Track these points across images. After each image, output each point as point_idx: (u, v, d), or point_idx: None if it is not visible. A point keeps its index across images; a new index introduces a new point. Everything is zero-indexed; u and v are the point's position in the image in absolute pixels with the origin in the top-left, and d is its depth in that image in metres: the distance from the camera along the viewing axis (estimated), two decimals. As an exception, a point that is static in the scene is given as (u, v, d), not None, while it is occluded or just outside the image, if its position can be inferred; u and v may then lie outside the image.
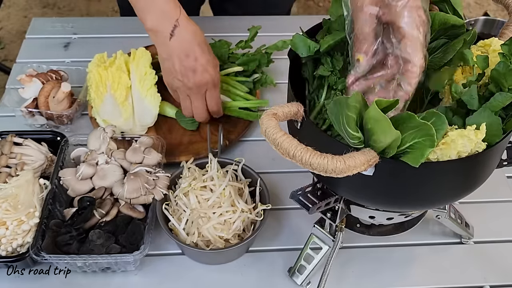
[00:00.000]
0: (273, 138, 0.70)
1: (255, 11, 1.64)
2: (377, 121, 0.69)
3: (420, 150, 0.70)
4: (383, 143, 0.71)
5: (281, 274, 1.05)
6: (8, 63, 2.65)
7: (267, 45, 1.37)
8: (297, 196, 0.88)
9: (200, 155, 1.19)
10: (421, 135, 0.69)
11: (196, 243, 1.01)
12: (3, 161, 1.09)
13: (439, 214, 1.02)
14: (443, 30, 0.85)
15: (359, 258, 1.08)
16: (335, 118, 0.72)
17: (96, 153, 1.09)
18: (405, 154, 0.72)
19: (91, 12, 3.09)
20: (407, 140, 0.71)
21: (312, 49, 0.91)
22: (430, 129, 0.69)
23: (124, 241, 0.99)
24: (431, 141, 0.69)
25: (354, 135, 0.72)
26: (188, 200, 1.04)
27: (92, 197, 1.03)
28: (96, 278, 1.02)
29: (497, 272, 1.07)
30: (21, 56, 1.46)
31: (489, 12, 3.08)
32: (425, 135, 0.69)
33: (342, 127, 0.72)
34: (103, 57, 1.29)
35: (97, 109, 1.23)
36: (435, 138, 0.69)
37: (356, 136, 0.72)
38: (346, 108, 0.70)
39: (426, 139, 0.69)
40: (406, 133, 0.70)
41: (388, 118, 0.68)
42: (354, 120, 0.70)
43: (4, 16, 3.02)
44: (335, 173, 0.68)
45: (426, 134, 0.69)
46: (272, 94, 1.39)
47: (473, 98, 0.78)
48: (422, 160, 0.70)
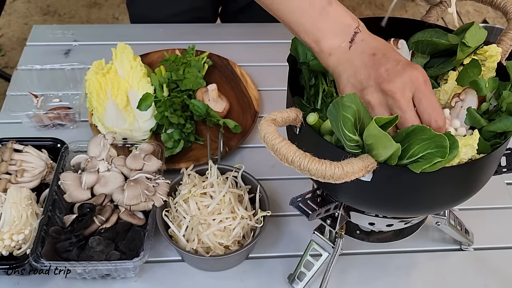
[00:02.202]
0: (271, 143, 0.71)
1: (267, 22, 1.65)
2: (378, 137, 0.69)
3: (430, 160, 0.70)
4: (384, 156, 0.72)
5: (281, 281, 1.05)
6: (8, 70, 2.66)
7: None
8: (296, 203, 0.88)
9: (200, 161, 1.19)
10: (434, 146, 0.70)
11: (196, 249, 1.01)
12: (3, 167, 1.09)
13: (439, 220, 1.02)
14: (438, 52, 0.90)
15: (359, 264, 1.08)
16: (334, 121, 0.72)
17: (96, 160, 1.10)
18: (415, 163, 0.72)
19: (92, 19, 3.10)
20: (419, 151, 0.71)
21: (308, 56, 0.91)
22: (444, 141, 0.69)
23: (124, 248, 0.99)
24: (443, 153, 0.69)
25: (351, 138, 0.71)
26: (188, 206, 1.04)
27: (92, 203, 1.03)
28: (96, 285, 1.02)
29: (497, 279, 1.07)
30: (21, 63, 1.46)
31: (488, 20, 3.09)
32: (438, 146, 0.69)
33: (340, 130, 0.72)
34: (101, 64, 1.29)
35: (101, 118, 1.24)
36: (447, 150, 0.69)
37: (354, 139, 0.72)
38: (342, 109, 0.70)
39: (438, 150, 0.69)
40: (418, 145, 0.71)
41: (388, 134, 0.69)
42: (351, 121, 0.70)
43: (5, 23, 3.03)
44: (333, 179, 0.69)
45: (439, 146, 0.69)
46: (271, 99, 1.39)
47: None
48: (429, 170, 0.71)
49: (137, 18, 1.72)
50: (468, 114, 0.83)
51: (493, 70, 0.89)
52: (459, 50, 0.88)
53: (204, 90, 1.33)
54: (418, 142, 0.71)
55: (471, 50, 0.88)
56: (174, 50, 1.47)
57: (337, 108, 0.70)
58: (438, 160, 0.69)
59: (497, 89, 0.84)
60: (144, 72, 1.30)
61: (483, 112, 0.85)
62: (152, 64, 1.43)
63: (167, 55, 1.42)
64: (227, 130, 1.28)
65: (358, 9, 3.33)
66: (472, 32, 0.87)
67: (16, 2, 3.19)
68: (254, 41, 1.59)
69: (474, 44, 0.87)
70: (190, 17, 1.66)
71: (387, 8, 3.36)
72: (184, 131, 1.24)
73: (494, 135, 0.81)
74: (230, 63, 1.47)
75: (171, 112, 1.25)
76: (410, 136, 0.72)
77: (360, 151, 0.74)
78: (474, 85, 0.83)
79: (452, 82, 0.88)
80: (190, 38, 1.54)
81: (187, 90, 1.33)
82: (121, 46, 1.29)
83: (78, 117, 1.30)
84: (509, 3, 0.96)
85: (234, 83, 1.43)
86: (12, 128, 1.28)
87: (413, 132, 0.72)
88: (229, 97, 1.37)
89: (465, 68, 0.86)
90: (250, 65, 1.49)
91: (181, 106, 1.28)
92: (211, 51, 1.48)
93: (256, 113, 1.35)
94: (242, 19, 1.76)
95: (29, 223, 1.02)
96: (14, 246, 0.99)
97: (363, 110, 0.72)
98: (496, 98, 0.84)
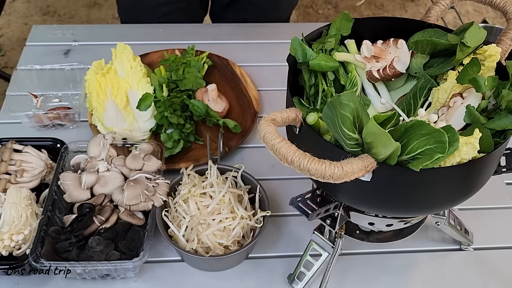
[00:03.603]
0: (271, 143, 0.71)
1: (256, 19, 1.65)
2: (377, 135, 0.69)
3: (430, 156, 0.70)
4: (384, 155, 0.72)
5: (281, 280, 1.05)
6: (8, 70, 2.65)
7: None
8: (296, 203, 0.88)
9: (199, 161, 1.19)
10: (432, 142, 0.69)
11: (196, 249, 1.01)
12: (2, 168, 1.09)
13: (439, 220, 1.02)
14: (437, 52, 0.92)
15: (358, 264, 1.08)
16: (330, 122, 0.72)
17: (96, 160, 1.09)
18: (414, 160, 0.72)
19: (91, 19, 3.10)
20: (418, 147, 0.71)
21: (308, 56, 0.91)
22: (443, 136, 0.69)
23: (124, 248, 0.99)
24: (443, 148, 0.69)
25: (350, 136, 0.71)
26: (187, 206, 1.04)
27: (92, 203, 1.03)
28: (96, 285, 1.02)
29: (497, 279, 1.07)
30: (21, 63, 1.46)
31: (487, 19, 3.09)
32: (437, 142, 0.69)
33: (338, 129, 0.71)
34: (100, 64, 1.29)
35: (100, 118, 1.24)
36: (446, 145, 0.69)
37: (353, 137, 0.72)
38: (340, 107, 0.69)
39: (437, 146, 0.69)
40: (417, 140, 0.70)
41: (387, 132, 0.69)
42: (350, 120, 0.70)
43: (5, 23, 3.03)
44: (332, 179, 0.68)
45: (438, 141, 0.69)
46: (271, 99, 1.39)
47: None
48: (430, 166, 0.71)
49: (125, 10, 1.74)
50: (467, 111, 0.82)
51: (492, 70, 0.89)
52: (458, 50, 0.88)
53: (203, 90, 1.32)
54: (417, 138, 0.70)
55: (470, 50, 0.88)
56: (174, 50, 1.47)
57: (333, 109, 0.70)
58: (438, 156, 0.69)
59: (497, 88, 0.84)
60: (144, 72, 1.30)
61: (482, 110, 0.84)
62: (151, 64, 1.43)
63: (167, 55, 1.42)
64: (227, 130, 1.28)
65: (358, 9, 3.33)
66: (472, 32, 0.87)
67: (16, 2, 3.19)
68: (254, 41, 1.59)
69: (474, 44, 0.87)
70: (176, 8, 1.67)
71: (387, 8, 3.36)
72: (184, 131, 1.24)
73: (493, 134, 0.81)
74: (230, 63, 1.47)
75: (171, 112, 1.25)
76: (408, 132, 0.71)
77: (360, 149, 0.74)
78: (474, 83, 0.83)
79: (451, 81, 0.88)
80: (190, 38, 1.54)
81: (187, 90, 1.33)
82: (121, 46, 1.29)
83: (78, 117, 1.30)
84: (508, 3, 0.96)
85: (234, 83, 1.43)
86: (12, 128, 1.28)
87: (412, 127, 0.71)
88: (229, 97, 1.37)
89: (465, 67, 0.86)
90: (250, 65, 1.49)
91: (181, 106, 1.28)
92: (211, 51, 1.48)
93: (256, 113, 1.35)
94: (230, 15, 1.77)
95: (29, 223, 1.02)
96: (14, 246, 0.99)
97: (361, 108, 0.72)
98: (495, 97, 0.84)
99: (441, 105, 0.88)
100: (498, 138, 0.81)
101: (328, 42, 0.96)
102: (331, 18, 3.20)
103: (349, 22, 0.98)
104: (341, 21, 0.98)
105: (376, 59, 0.96)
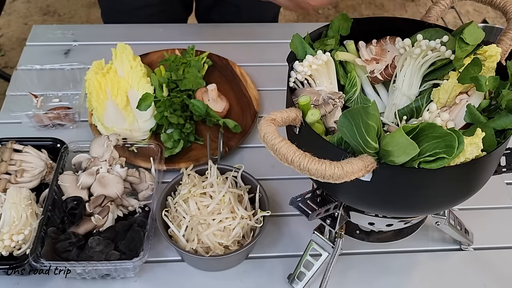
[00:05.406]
0: (271, 143, 0.71)
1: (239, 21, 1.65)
2: (404, 145, 0.69)
3: (439, 161, 0.71)
4: (402, 161, 0.72)
5: (281, 281, 1.04)
6: (8, 70, 2.66)
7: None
8: (296, 203, 0.88)
9: (199, 161, 1.19)
10: (442, 146, 0.70)
11: (196, 249, 1.01)
12: (2, 168, 1.09)
13: (439, 220, 1.02)
14: None
15: (358, 264, 1.08)
16: (347, 130, 0.71)
17: (98, 161, 1.09)
18: (423, 163, 0.72)
19: (91, 19, 3.10)
20: (428, 150, 0.71)
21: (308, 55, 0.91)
22: (454, 140, 0.69)
23: (124, 248, 0.99)
24: (451, 153, 0.69)
25: (372, 145, 0.71)
26: (187, 206, 1.04)
27: (78, 197, 1.03)
28: (96, 285, 1.02)
29: (497, 279, 1.07)
30: (21, 63, 1.46)
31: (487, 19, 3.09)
32: (447, 146, 0.70)
33: (359, 138, 0.71)
34: (100, 64, 1.29)
35: (100, 118, 1.24)
36: (455, 150, 0.69)
37: (374, 147, 0.72)
38: (367, 117, 0.69)
39: (446, 150, 0.70)
40: (427, 143, 0.71)
41: (414, 142, 0.69)
42: (375, 129, 0.70)
43: (5, 23, 3.03)
44: (333, 179, 0.69)
45: (448, 146, 0.70)
46: (271, 99, 1.39)
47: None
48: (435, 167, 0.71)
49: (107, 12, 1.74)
50: (467, 111, 0.82)
51: (492, 70, 0.89)
52: (457, 47, 0.87)
53: (203, 90, 1.32)
54: (428, 140, 0.71)
55: (469, 48, 0.88)
56: (174, 50, 1.47)
57: (353, 118, 0.70)
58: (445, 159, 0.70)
59: (497, 88, 0.84)
60: (144, 72, 1.30)
61: (482, 110, 0.84)
62: (151, 64, 1.43)
63: (167, 55, 1.42)
64: (227, 130, 1.28)
65: (358, 9, 3.33)
66: (470, 29, 0.87)
67: (16, 2, 3.19)
68: (254, 41, 1.58)
69: (472, 42, 0.87)
70: (158, 10, 1.67)
71: (387, 8, 3.36)
72: (184, 131, 1.24)
73: (493, 133, 0.80)
74: (230, 63, 1.47)
75: (171, 112, 1.25)
76: (420, 133, 0.71)
77: (376, 157, 0.74)
78: (475, 82, 0.83)
79: (452, 81, 0.87)
80: (190, 38, 1.54)
81: (187, 90, 1.33)
82: (121, 46, 1.29)
83: (78, 117, 1.30)
84: (508, 3, 0.96)
85: (234, 83, 1.43)
86: (12, 128, 1.28)
87: (423, 129, 0.71)
88: (229, 97, 1.37)
89: (467, 67, 0.86)
90: (250, 65, 1.49)
91: (181, 106, 1.28)
92: (211, 51, 1.48)
93: (256, 113, 1.35)
94: (214, 17, 1.77)
95: (29, 223, 1.02)
96: (14, 246, 0.99)
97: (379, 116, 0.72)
98: (496, 97, 0.84)
99: (441, 105, 0.88)
100: (498, 138, 0.81)
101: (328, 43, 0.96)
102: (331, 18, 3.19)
103: (348, 22, 0.98)
104: (339, 22, 0.98)
105: (376, 60, 0.96)
